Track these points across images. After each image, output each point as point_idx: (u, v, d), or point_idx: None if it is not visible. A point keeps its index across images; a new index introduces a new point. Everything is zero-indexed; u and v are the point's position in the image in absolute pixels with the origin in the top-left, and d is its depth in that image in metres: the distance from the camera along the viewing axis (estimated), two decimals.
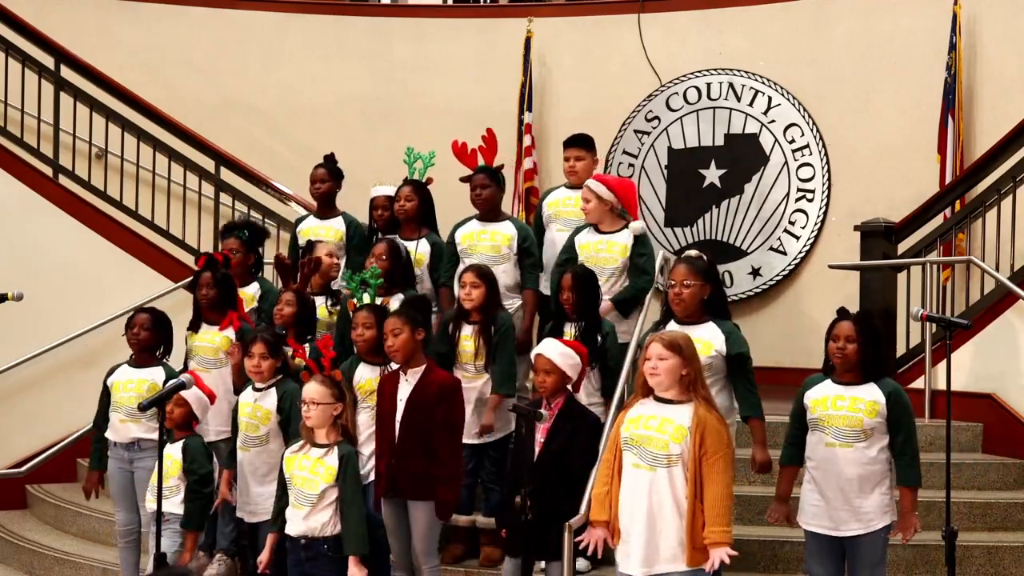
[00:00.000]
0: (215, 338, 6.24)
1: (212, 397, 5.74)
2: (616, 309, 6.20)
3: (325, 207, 7.12)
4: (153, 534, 5.26)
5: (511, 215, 6.68)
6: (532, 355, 5.31)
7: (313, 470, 5.04)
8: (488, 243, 6.47)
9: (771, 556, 5.88)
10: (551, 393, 5.17)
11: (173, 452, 5.58)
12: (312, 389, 5.08)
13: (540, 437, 5.15)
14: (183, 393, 5.41)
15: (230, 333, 6.22)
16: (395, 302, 5.99)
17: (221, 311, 6.23)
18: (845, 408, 4.83)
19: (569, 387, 5.29)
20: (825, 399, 4.89)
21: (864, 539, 4.83)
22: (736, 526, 5.96)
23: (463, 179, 6.65)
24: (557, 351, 5.20)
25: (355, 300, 5.80)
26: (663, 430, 4.36)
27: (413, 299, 5.79)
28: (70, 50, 8.73)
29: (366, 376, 5.66)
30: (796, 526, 5.09)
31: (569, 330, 5.78)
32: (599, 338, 5.80)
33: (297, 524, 5.07)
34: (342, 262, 6.88)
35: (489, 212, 6.54)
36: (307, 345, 5.78)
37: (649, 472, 4.36)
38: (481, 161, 6.65)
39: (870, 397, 4.83)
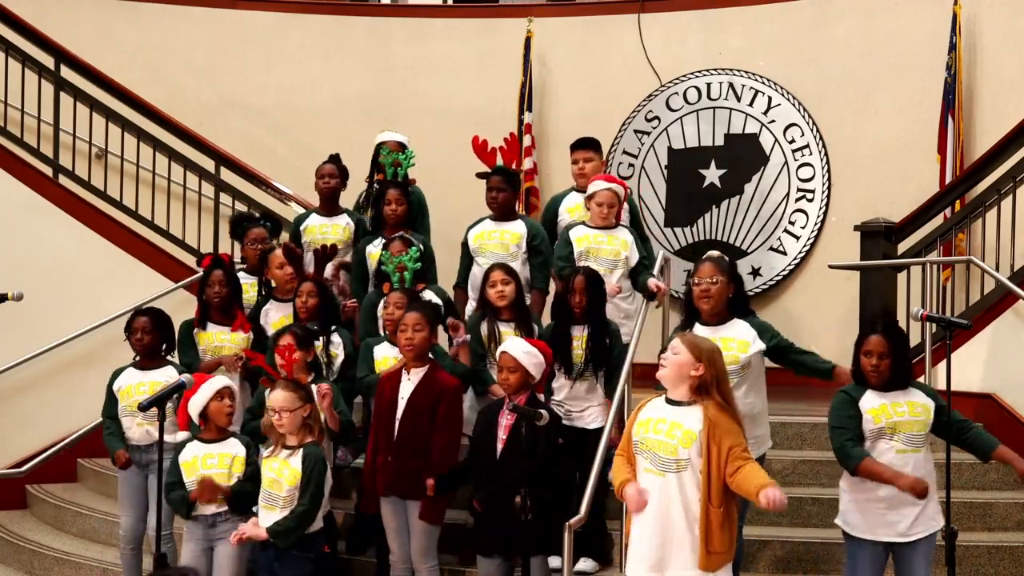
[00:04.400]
0: (237, 337, 6.21)
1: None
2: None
3: (329, 204, 7.12)
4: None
5: (523, 214, 6.71)
6: (497, 353, 5.33)
7: (279, 472, 5.07)
8: (497, 241, 6.50)
9: (772, 556, 5.87)
10: (514, 390, 5.17)
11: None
12: (278, 397, 5.08)
13: (502, 434, 5.16)
14: (229, 389, 5.32)
15: (245, 333, 6.23)
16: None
17: (229, 310, 6.22)
18: (907, 414, 4.83)
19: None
20: (884, 407, 4.84)
21: (922, 542, 4.82)
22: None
23: (479, 175, 6.67)
24: (521, 349, 5.23)
25: (392, 283, 5.90)
26: (672, 435, 4.33)
27: (432, 305, 5.79)
28: (70, 50, 8.72)
29: (385, 354, 5.77)
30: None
31: (578, 332, 5.76)
32: (607, 340, 5.79)
33: (266, 524, 5.08)
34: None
35: (503, 214, 6.58)
36: (330, 336, 5.86)
37: (659, 477, 4.33)
38: (500, 161, 6.67)
39: (923, 402, 4.88)
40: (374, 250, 6.57)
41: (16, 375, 7.84)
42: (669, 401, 4.43)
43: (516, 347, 5.25)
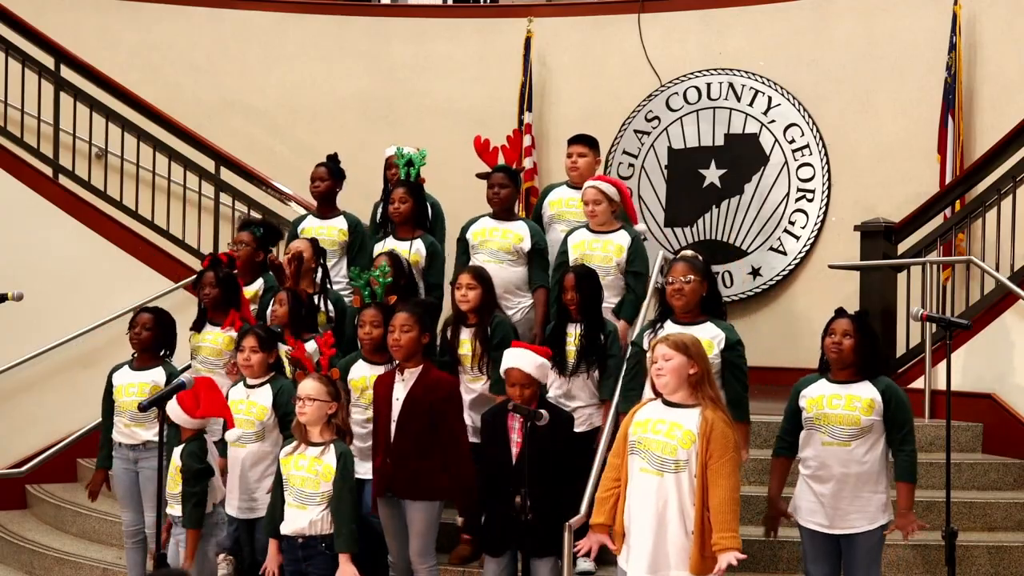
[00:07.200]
0: (218, 338, 6.25)
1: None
2: (627, 322, 6.21)
3: (325, 206, 7.10)
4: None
5: (524, 216, 6.68)
6: (502, 369, 5.20)
7: (311, 469, 5.05)
8: (500, 240, 6.47)
9: (771, 556, 5.88)
10: (528, 402, 5.13)
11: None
12: (308, 386, 5.10)
13: (516, 438, 5.15)
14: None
15: (232, 333, 6.23)
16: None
17: (224, 311, 6.23)
18: (842, 406, 4.82)
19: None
20: (821, 398, 4.88)
21: (860, 538, 4.83)
22: None
23: (480, 175, 6.67)
24: (532, 363, 5.12)
25: (362, 297, 5.83)
26: (672, 435, 4.33)
27: (424, 303, 5.77)
28: (70, 50, 8.73)
29: (363, 374, 5.67)
30: (793, 523, 5.08)
31: (572, 330, 5.76)
32: (602, 337, 5.78)
33: (295, 523, 5.07)
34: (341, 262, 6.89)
35: (504, 212, 6.56)
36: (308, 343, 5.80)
37: (656, 477, 4.32)
38: (502, 160, 6.67)
39: (867, 395, 4.82)
40: (381, 248, 6.58)
41: (16, 375, 7.84)
42: (667, 403, 4.42)
43: (526, 361, 5.12)
